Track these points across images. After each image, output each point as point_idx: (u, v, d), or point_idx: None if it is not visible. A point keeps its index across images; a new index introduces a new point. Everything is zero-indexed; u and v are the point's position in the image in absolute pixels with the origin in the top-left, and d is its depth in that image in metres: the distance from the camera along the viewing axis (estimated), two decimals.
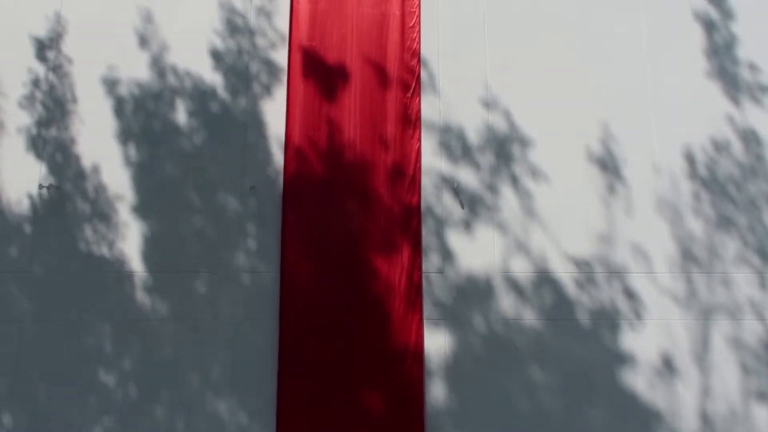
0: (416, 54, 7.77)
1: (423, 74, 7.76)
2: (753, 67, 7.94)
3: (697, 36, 8.07)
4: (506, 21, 8.03)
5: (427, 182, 7.47)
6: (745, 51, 8.00)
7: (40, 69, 7.78)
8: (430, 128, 7.63)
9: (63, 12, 7.96)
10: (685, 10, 8.13)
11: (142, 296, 7.11)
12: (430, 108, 7.68)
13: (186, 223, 7.32)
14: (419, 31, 7.86)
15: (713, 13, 8.12)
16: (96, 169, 7.45)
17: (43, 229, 7.25)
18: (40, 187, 7.32)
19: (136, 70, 7.80)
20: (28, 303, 7.03)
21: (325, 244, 7.21)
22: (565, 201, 7.41)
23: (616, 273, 7.26)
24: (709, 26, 8.08)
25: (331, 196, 7.28)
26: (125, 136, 7.57)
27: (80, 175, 7.42)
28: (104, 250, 7.23)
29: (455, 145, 7.61)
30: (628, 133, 7.65)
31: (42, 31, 7.89)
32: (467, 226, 7.39)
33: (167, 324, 7.03)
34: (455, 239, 7.37)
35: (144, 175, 7.46)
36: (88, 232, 7.28)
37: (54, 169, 7.45)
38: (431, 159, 7.54)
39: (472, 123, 7.66)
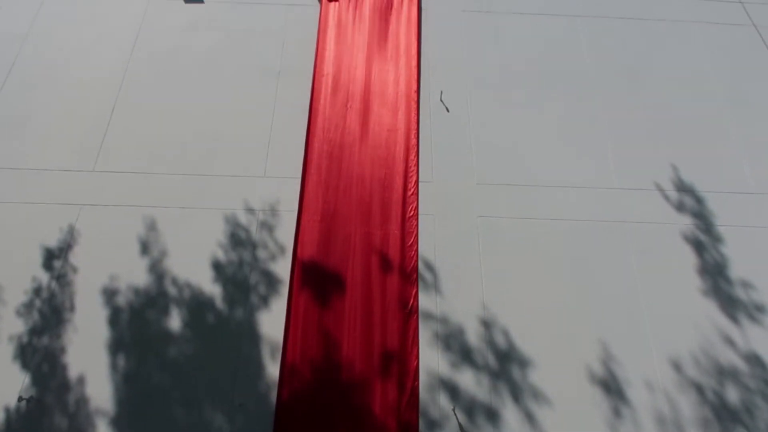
0: (414, 270, 8.05)
1: (421, 294, 7.93)
2: (747, 285, 8.22)
3: (689, 257, 8.49)
4: (501, 244, 8.43)
5: (426, 398, 7.20)
6: (737, 271, 8.34)
7: (44, 277, 7.96)
8: (429, 346, 7.58)
9: (77, 225, 8.42)
10: (674, 234, 8.68)
11: None
12: (428, 328, 7.71)
13: None
14: (417, 250, 8.26)
15: (702, 237, 8.66)
16: (81, 380, 7.21)
17: None
18: (20, 399, 7.03)
19: (138, 279, 7.98)
20: None
21: None
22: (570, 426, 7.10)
23: None
24: (699, 248, 8.55)
25: (325, 418, 6.97)
26: (117, 345, 7.46)
27: (64, 386, 7.16)
28: None
29: (454, 362, 7.49)
30: (627, 353, 7.60)
31: (53, 242, 8.26)
32: None
33: None
34: None
35: (130, 387, 7.19)
36: None
37: (38, 379, 7.21)
38: (429, 378, 7.37)
39: (471, 341, 7.63)
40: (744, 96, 10.19)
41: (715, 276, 8.24)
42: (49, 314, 7.69)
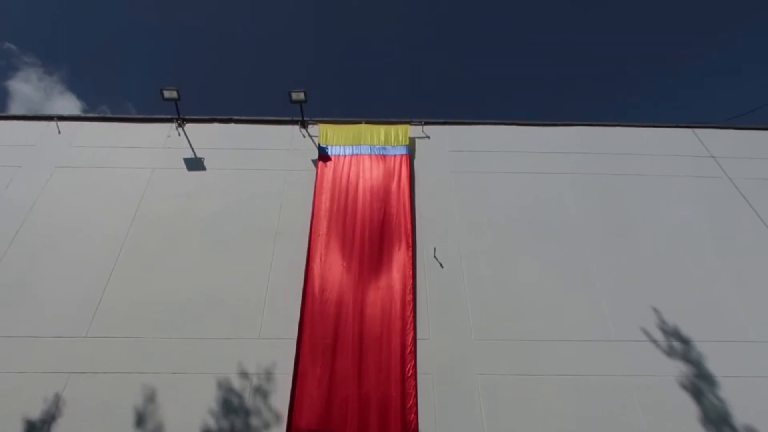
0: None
1: None
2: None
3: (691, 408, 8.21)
4: (502, 403, 8.18)
5: None
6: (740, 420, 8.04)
7: None
8: None
9: (64, 393, 8.13)
10: (675, 385, 8.47)
11: None
12: None
13: None
14: (416, 413, 7.98)
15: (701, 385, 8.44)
16: None
17: None
18: None
19: None
20: None
21: None
22: None
23: None
24: (699, 398, 8.29)
25: None
26: None
27: None
28: None
29: None
30: None
31: (36, 414, 7.90)
32: None
33: None
34: None
35: None
36: None
37: None
38: None
39: None
40: (729, 245, 10.50)
41: (720, 426, 7.90)
42: None
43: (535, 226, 10.70)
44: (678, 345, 8.91)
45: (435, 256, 10.04)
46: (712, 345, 8.91)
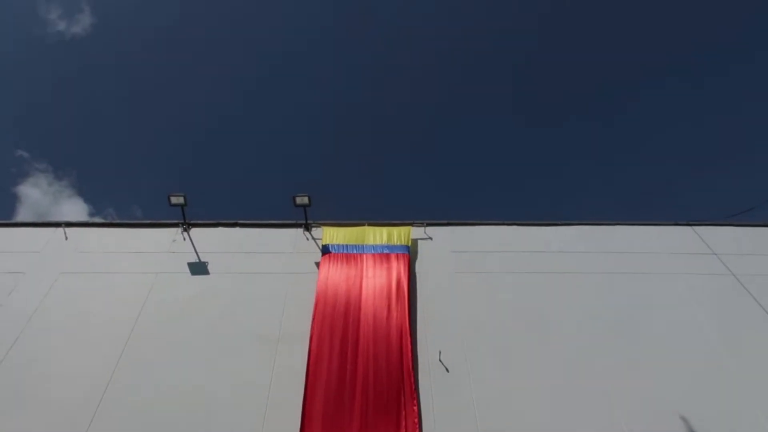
0: None
1: None
2: None
3: None
4: None
5: None
6: None
7: None
8: None
9: None
10: None
11: None
12: None
13: None
14: None
15: None
16: None
17: None
18: None
19: None
20: None
21: None
22: None
23: None
24: None
25: None
26: None
27: None
28: None
29: None
30: None
31: None
32: None
33: None
34: None
35: None
36: None
37: None
38: None
39: None
40: (740, 344, 10.26)
41: None
42: None
43: (540, 327, 10.54)
44: None
45: (440, 360, 9.80)
46: None
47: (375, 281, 11.09)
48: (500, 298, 11.15)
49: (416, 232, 12.59)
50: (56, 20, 27.97)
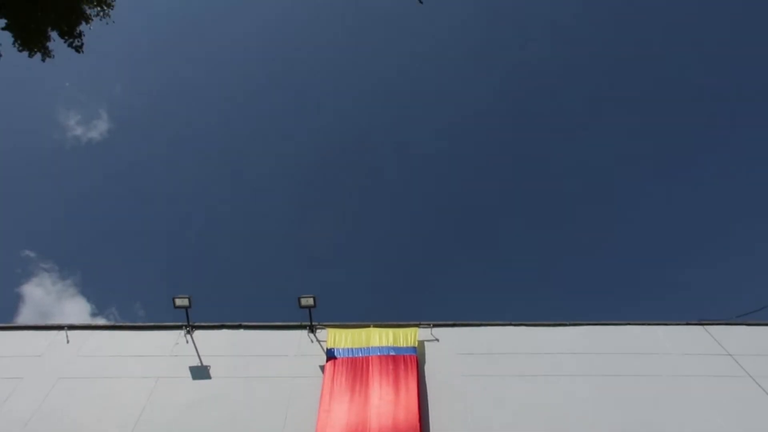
0: None
1: None
2: None
3: None
4: None
5: None
6: None
7: None
8: None
9: None
10: None
11: None
12: None
13: None
14: None
15: None
16: None
17: None
18: None
19: None
20: None
21: None
22: None
23: None
24: None
25: None
26: None
27: None
28: None
29: None
30: None
31: None
32: None
33: None
34: None
35: None
36: None
37: None
38: None
39: None
40: None
41: None
42: None
43: (551, 430, 10.08)
44: None
45: None
46: None
47: (381, 385, 10.78)
48: (510, 401, 10.77)
49: (423, 333, 12.39)
50: (74, 125, 29.36)
